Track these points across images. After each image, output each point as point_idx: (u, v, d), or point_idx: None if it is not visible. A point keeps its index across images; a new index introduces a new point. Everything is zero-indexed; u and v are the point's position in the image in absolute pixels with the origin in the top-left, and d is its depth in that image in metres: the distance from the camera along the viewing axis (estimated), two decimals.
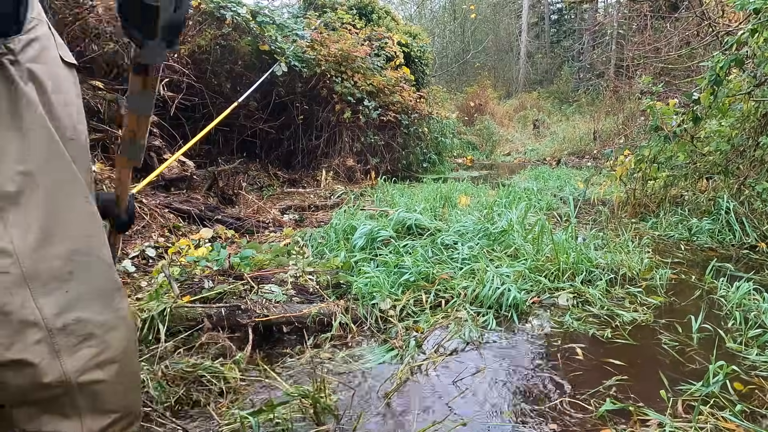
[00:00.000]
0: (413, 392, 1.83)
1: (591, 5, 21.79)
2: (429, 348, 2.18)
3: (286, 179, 6.98)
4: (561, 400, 1.76)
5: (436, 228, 3.48)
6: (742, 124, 4.44)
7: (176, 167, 4.60)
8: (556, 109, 19.23)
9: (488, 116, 16.63)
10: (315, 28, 7.50)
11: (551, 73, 24.39)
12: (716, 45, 6.51)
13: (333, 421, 1.62)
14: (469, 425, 1.62)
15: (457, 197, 5.10)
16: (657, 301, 2.71)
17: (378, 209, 4.28)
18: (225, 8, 5.90)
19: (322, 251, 3.35)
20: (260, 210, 4.81)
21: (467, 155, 12.70)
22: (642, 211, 4.93)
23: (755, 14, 3.79)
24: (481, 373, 1.98)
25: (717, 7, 6.51)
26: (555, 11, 27.19)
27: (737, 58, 3.91)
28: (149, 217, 3.62)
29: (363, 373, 1.98)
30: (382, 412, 1.70)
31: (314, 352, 2.15)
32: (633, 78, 11.15)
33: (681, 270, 3.27)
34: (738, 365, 1.95)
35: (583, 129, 13.74)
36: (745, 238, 3.86)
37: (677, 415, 1.66)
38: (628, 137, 9.69)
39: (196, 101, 5.89)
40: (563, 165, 10.66)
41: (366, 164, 7.75)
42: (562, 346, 2.21)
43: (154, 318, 2.05)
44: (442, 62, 24.91)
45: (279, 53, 6.36)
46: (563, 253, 3.05)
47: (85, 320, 0.84)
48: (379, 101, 7.96)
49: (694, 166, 4.80)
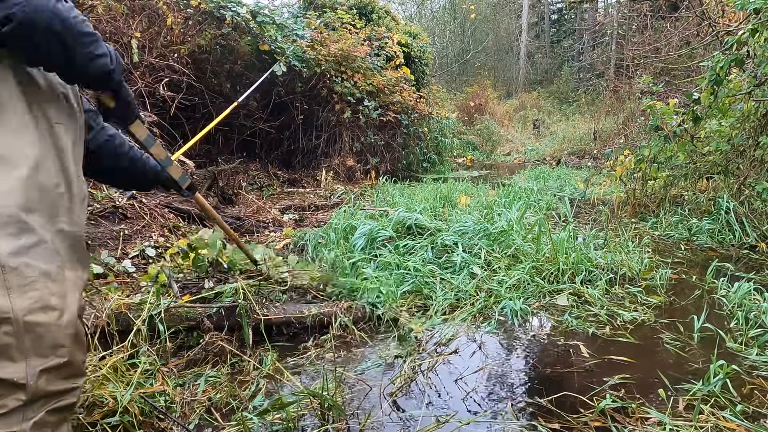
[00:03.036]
0: (416, 391, 1.83)
1: (591, 5, 21.81)
2: (430, 347, 2.18)
3: (286, 179, 6.98)
4: (562, 398, 1.76)
5: (436, 228, 3.48)
6: (742, 124, 4.44)
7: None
8: (556, 109, 19.23)
9: (488, 116, 16.63)
10: (315, 28, 7.50)
11: (551, 73, 24.38)
12: (716, 45, 6.51)
13: (341, 420, 1.62)
14: (472, 423, 1.62)
15: (457, 197, 5.10)
16: (657, 300, 2.71)
17: (378, 209, 4.28)
18: (225, 8, 5.90)
19: (320, 251, 3.35)
20: (260, 210, 4.81)
21: (467, 155, 12.70)
22: (642, 211, 4.93)
23: (755, 14, 3.79)
24: (482, 371, 1.98)
25: (717, 7, 6.51)
26: (555, 11, 27.19)
27: (737, 58, 3.91)
28: (149, 216, 3.62)
29: (365, 372, 1.98)
30: (387, 411, 1.70)
31: (316, 351, 2.15)
32: (633, 78, 11.15)
33: (681, 270, 3.26)
34: (738, 365, 1.95)
35: (583, 129, 13.74)
36: (745, 238, 3.85)
37: (678, 413, 1.66)
38: (628, 137, 9.69)
39: (196, 101, 5.88)
40: (563, 165, 10.66)
41: (366, 164, 7.75)
42: (562, 345, 2.21)
43: (153, 318, 2.05)
44: (442, 62, 24.90)
45: (279, 53, 6.36)
46: (563, 254, 3.05)
47: (34, 266, 0.92)
48: (379, 101, 7.95)
49: (694, 166, 4.80)
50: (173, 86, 5.43)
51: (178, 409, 1.68)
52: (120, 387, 1.63)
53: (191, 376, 1.89)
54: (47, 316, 0.93)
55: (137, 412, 1.55)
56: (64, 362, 0.96)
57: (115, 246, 2.93)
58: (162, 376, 1.79)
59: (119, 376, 1.70)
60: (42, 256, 0.94)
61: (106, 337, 1.93)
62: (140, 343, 1.93)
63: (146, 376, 1.78)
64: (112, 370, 1.70)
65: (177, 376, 1.89)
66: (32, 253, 0.92)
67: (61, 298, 0.97)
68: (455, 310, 2.56)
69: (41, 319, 0.92)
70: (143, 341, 1.95)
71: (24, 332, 0.89)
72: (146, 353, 1.89)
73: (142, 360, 1.83)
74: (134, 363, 1.83)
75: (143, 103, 4.90)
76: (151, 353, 1.89)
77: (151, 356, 1.87)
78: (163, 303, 2.11)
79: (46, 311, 0.93)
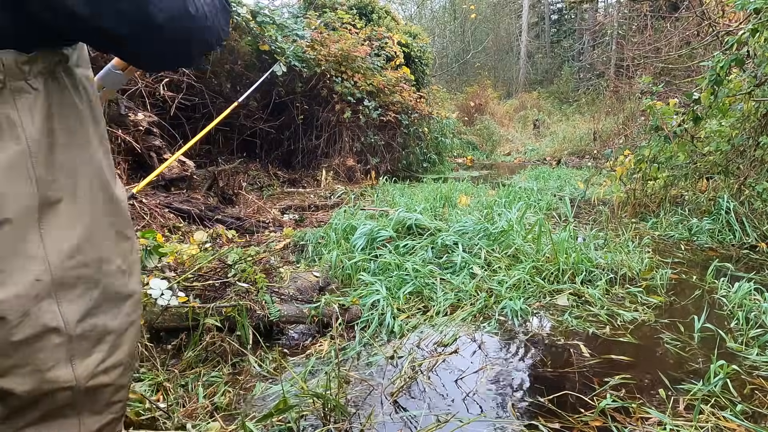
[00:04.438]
0: (417, 391, 1.83)
1: (591, 5, 21.79)
2: (431, 347, 2.18)
3: (286, 179, 6.98)
4: (562, 398, 1.76)
5: (437, 228, 3.48)
6: (742, 124, 4.44)
7: (176, 167, 4.60)
8: (556, 109, 19.23)
9: (488, 116, 16.63)
10: (315, 28, 7.50)
11: (551, 73, 24.37)
12: (716, 45, 6.51)
13: (343, 421, 1.62)
14: (472, 423, 1.61)
15: (457, 197, 5.10)
16: (657, 300, 2.71)
17: (378, 209, 4.28)
18: None
19: (320, 251, 3.36)
20: (260, 210, 4.81)
21: (467, 155, 12.70)
22: (642, 211, 4.93)
23: (755, 14, 3.79)
24: (482, 371, 1.98)
25: (717, 7, 6.50)
26: (555, 11, 27.18)
27: (737, 58, 3.91)
28: (149, 216, 3.62)
29: (366, 372, 1.98)
30: (388, 411, 1.70)
31: (317, 351, 2.15)
32: (633, 78, 11.15)
33: (681, 270, 3.26)
34: (739, 365, 1.95)
35: (583, 129, 13.74)
36: (745, 238, 3.85)
37: (678, 413, 1.66)
38: (628, 137, 9.68)
39: (196, 101, 5.89)
40: (563, 165, 10.66)
41: (366, 164, 7.75)
42: (562, 345, 2.21)
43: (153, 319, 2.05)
44: (442, 62, 24.90)
45: (279, 53, 6.36)
46: (563, 254, 3.05)
47: (100, 326, 0.84)
48: (379, 101, 7.96)
49: (694, 166, 4.80)
50: (173, 86, 5.43)
51: (182, 409, 1.68)
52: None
53: (193, 377, 1.89)
54: (108, 376, 0.86)
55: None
56: (117, 416, 0.91)
57: None
58: (163, 392, 1.78)
59: None
60: (107, 311, 0.85)
61: None
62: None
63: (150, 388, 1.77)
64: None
65: (178, 377, 1.88)
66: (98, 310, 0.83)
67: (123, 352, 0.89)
68: (456, 310, 2.56)
69: (102, 381, 0.85)
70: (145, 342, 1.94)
71: (84, 396, 0.83)
72: (147, 360, 1.88)
73: (141, 370, 1.82)
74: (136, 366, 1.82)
75: (143, 103, 4.90)
76: (154, 362, 1.88)
77: (153, 368, 1.86)
78: (161, 305, 2.11)
79: (108, 372, 0.86)
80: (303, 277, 2.76)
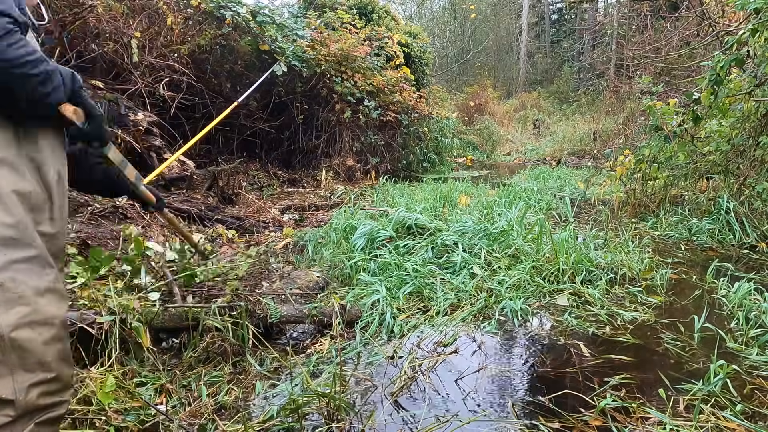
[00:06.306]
0: (417, 391, 1.83)
1: (591, 5, 21.81)
2: (431, 347, 2.18)
3: (286, 179, 6.98)
4: (562, 398, 1.76)
5: (437, 228, 3.48)
6: (742, 124, 4.44)
7: (176, 167, 4.60)
8: (556, 108, 19.23)
9: (488, 116, 16.62)
10: (315, 27, 7.50)
11: (551, 73, 24.37)
12: (716, 45, 6.51)
13: (346, 420, 1.62)
14: (472, 423, 1.61)
15: (457, 197, 5.10)
16: (657, 300, 2.71)
17: (378, 209, 4.28)
18: (225, 8, 5.90)
19: (320, 251, 3.35)
20: (260, 210, 4.81)
21: (467, 155, 12.69)
22: (642, 211, 4.93)
23: (755, 14, 3.79)
24: (482, 371, 1.98)
25: (717, 7, 6.51)
26: (555, 11, 27.18)
27: (737, 58, 3.90)
28: (149, 216, 3.61)
29: (366, 372, 1.98)
30: (388, 411, 1.70)
31: (317, 351, 2.15)
32: (633, 78, 11.15)
33: (681, 270, 3.26)
34: (739, 365, 1.95)
35: (583, 129, 13.74)
36: (745, 238, 3.85)
37: (678, 413, 1.66)
38: (628, 137, 9.69)
39: (196, 101, 5.88)
40: (563, 165, 10.66)
41: (366, 164, 7.75)
42: (562, 345, 2.21)
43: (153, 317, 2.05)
44: (442, 62, 24.88)
45: (279, 53, 6.36)
46: (563, 253, 3.05)
47: (20, 281, 0.90)
48: (379, 101, 7.95)
49: (694, 166, 4.80)
50: (173, 86, 5.43)
51: (186, 410, 1.68)
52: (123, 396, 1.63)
53: (194, 377, 1.89)
54: (34, 332, 0.91)
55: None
56: (51, 377, 0.94)
57: (115, 246, 2.93)
58: (166, 394, 1.78)
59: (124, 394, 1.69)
60: (28, 271, 0.92)
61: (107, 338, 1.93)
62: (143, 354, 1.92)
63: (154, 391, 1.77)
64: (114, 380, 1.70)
65: (180, 378, 1.88)
66: (17, 267, 0.90)
67: (46, 313, 0.94)
68: (455, 310, 2.56)
69: (28, 335, 0.90)
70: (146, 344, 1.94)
71: (10, 349, 0.87)
72: (150, 362, 1.88)
73: (143, 373, 1.82)
74: (138, 370, 1.83)
75: (143, 103, 4.90)
76: (156, 362, 1.88)
77: (155, 369, 1.86)
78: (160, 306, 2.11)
79: (32, 327, 0.91)
80: (303, 276, 2.76)
